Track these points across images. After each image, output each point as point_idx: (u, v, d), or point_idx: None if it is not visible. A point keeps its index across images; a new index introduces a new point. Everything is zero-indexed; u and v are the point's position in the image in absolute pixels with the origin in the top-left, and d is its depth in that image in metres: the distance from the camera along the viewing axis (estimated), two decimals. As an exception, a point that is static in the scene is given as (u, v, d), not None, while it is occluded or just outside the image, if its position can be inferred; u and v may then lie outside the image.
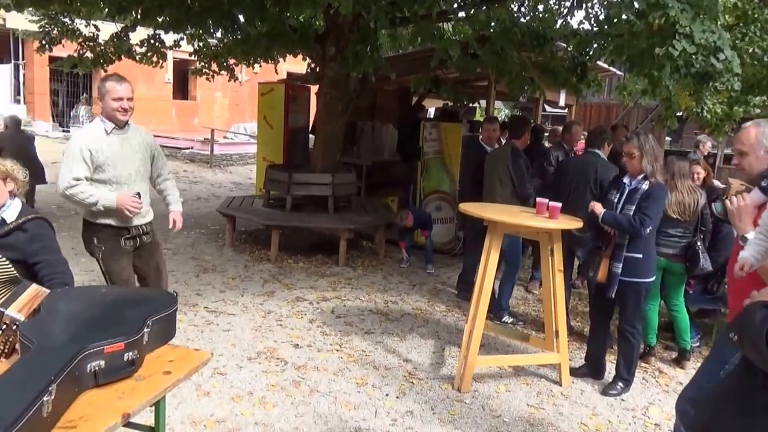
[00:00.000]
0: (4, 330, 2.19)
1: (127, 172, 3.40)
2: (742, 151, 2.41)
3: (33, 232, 2.65)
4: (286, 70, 17.24)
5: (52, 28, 8.08)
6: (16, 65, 19.54)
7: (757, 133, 2.37)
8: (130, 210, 3.32)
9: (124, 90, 3.31)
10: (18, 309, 2.19)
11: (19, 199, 2.74)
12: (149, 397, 1.79)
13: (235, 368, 3.91)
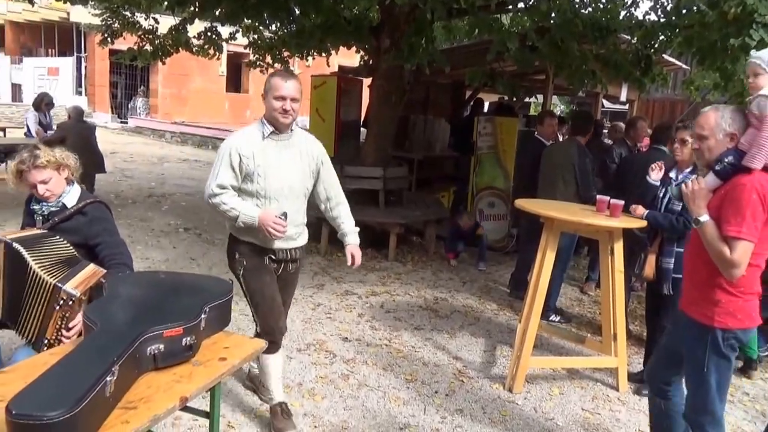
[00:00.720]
0: (62, 305, 2.31)
1: (278, 186, 2.88)
2: (702, 135, 2.42)
3: (92, 215, 2.77)
4: (337, 64, 17.39)
5: (114, 21, 8.38)
6: (78, 58, 20.39)
7: (716, 117, 2.39)
8: (270, 232, 2.81)
9: (290, 88, 2.81)
10: (75, 285, 2.30)
11: (77, 184, 2.86)
12: (206, 382, 1.84)
13: (285, 359, 3.96)
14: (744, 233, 2.22)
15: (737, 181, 2.29)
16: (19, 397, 1.39)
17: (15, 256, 2.41)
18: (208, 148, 16.89)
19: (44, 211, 2.76)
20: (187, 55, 8.99)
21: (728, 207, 2.28)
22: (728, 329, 2.36)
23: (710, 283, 2.37)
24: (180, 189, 10.01)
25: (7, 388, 1.69)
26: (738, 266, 2.25)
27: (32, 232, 2.64)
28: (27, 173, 2.66)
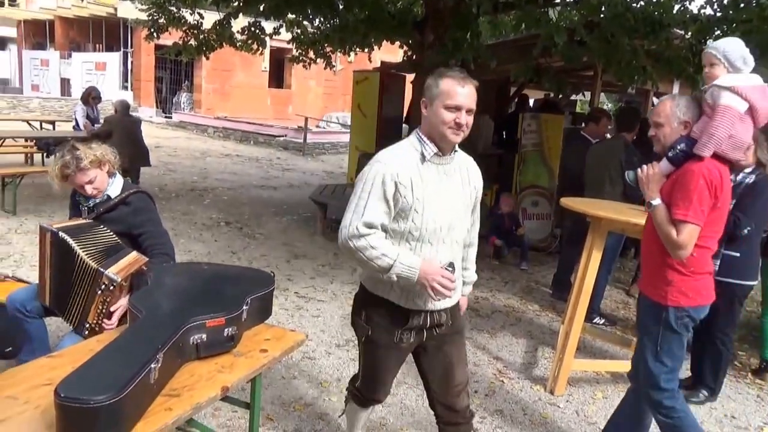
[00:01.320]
0: (103, 290, 2.38)
1: (437, 225, 2.15)
2: (658, 123, 2.54)
3: (136, 205, 2.85)
4: (379, 59, 17.43)
5: (160, 16, 8.57)
6: (125, 53, 20.95)
7: (672, 106, 2.50)
8: (436, 290, 2.06)
9: (467, 96, 2.09)
10: (116, 271, 2.38)
11: (119, 175, 2.95)
12: (247, 372, 1.87)
13: (324, 354, 4.00)
14: (690, 216, 2.35)
15: (687, 167, 2.42)
16: (67, 381, 1.44)
17: (62, 245, 2.50)
18: (249, 144, 17.16)
19: (89, 202, 2.86)
20: (231, 50, 9.13)
21: (677, 192, 2.41)
22: (680, 307, 2.50)
23: (663, 264, 2.51)
24: (222, 183, 10.19)
25: (56, 372, 1.76)
26: (684, 248, 2.39)
27: (78, 222, 2.74)
28: (73, 177, 2.74)
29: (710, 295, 2.57)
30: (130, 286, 2.53)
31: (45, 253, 2.57)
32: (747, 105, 2.39)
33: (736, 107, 2.38)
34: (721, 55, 2.43)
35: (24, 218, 6.76)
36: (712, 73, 2.46)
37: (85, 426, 1.39)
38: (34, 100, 19.16)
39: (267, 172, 12.35)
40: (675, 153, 2.48)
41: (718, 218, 2.47)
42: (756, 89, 2.42)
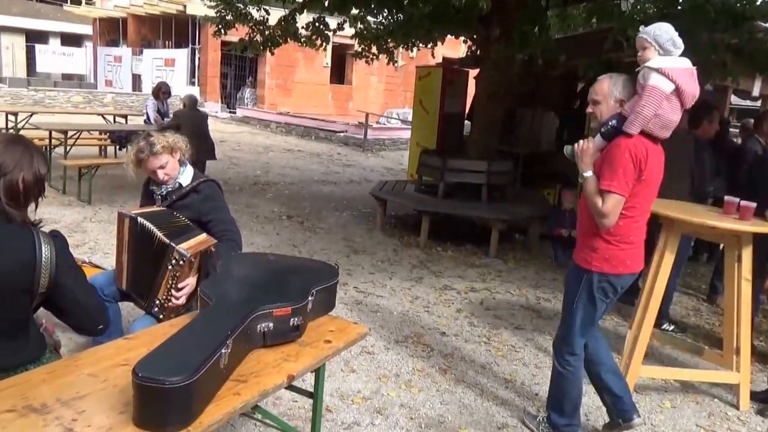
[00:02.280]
0: (173, 265, 2.49)
1: None
2: (596, 101, 2.70)
3: (205, 193, 2.98)
4: (441, 55, 17.38)
5: (227, 12, 8.81)
6: (192, 49, 21.64)
7: (609, 84, 2.67)
8: None
9: None
10: (186, 247, 2.48)
11: (189, 165, 3.07)
12: (312, 362, 1.91)
13: (383, 349, 4.03)
14: (614, 187, 2.55)
15: (616, 142, 2.60)
16: (144, 362, 1.52)
17: (140, 229, 2.63)
18: (311, 139, 17.42)
19: (162, 190, 3.00)
20: (294, 46, 9.30)
21: (605, 164, 2.61)
22: (603, 273, 2.72)
23: (592, 233, 2.74)
24: (283, 178, 10.40)
25: (132, 353, 1.85)
26: (607, 216, 2.60)
27: (153, 209, 2.87)
28: (146, 161, 2.89)
29: (634, 265, 2.76)
30: (198, 267, 2.63)
31: (123, 238, 2.70)
32: (673, 86, 2.55)
33: (663, 88, 2.53)
34: (651, 39, 2.58)
35: (98, 207, 7.10)
36: (645, 56, 2.61)
37: (160, 405, 1.46)
38: (107, 95, 20.08)
39: (327, 167, 12.52)
40: (607, 129, 2.66)
41: (643, 191, 2.66)
42: (684, 71, 2.58)
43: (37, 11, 30.81)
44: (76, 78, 27.11)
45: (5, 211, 1.72)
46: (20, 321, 1.80)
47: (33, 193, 1.80)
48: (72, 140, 8.42)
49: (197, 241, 2.60)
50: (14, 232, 1.74)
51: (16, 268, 1.71)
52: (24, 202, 1.78)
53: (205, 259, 2.66)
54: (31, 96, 18.08)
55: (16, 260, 1.72)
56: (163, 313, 2.64)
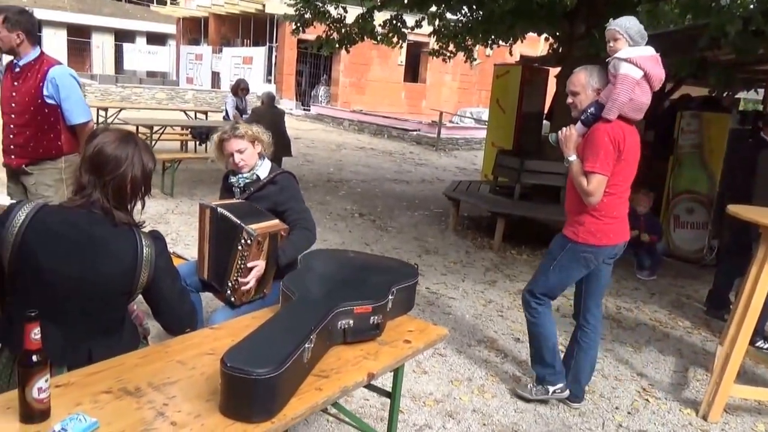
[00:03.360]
0: (242, 245, 2.56)
1: None
2: (575, 92, 2.99)
3: (282, 184, 3.07)
4: (519, 53, 17.08)
5: (306, 11, 8.98)
6: (270, 48, 22.22)
7: (585, 76, 2.97)
8: None
9: None
10: (254, 228, 2.55)
11: (267, 159, 3.16)
12: (391, 362, 1.91)
13: (455, 352, 4.00)
14: (597, 168, 2.86)
15: (596, 127, 2.89)
16: (232, 352, 1.56)
17: (221, 219, 2.72)
18: (383, 137, 17.53)
19: (241, 183, 3.10)
20: (368, 44, 9.37)
21: (587, 148, 2.91)
22: (588, 244, 3.06)
23: (579, 210, 3.06)
24: (356, 176, 10.51)
25: (219, 343, 1.91)
26: (593, 194, 2.91)
27: (232, 201, 2.98)
28: (227, 141, 3.01)
29: (617, 237, 3.10)
30: (268, 251, 2.69)
31: (204, 229, 2.81)
32: (642, 72, 2.85)
33: (633, 75, 2.83)
34: (623, 31, 2.87)
35: (179, 200, 7.41)
36: (616, 47, 2.91)
37: (246, 395, 1.50)
38: (188, 92, 20.92)
39: (400, 166, 12.55)
40: (586, 116, 2.94)
41: (623, 170, 2.97)
42: (649, 58, 2.88)
43: (125, 11, 32.50)
44: (160, 75, 28.40)
45: (112, 214, 1.77)
46: (117, 318, 1.87)
47: (140, 191, 1.84)
48: (157, 135, 8.82)
49: (268, 225, 2.67)
50: (119, 235, 1.79)
51: (118, 271, 1.77)
52: (130, 200, 1.83)
53: (274, 244, 2.73)
54: (119, 92, 19.08)
55: (119, 264, 1.77)
56: (234, 296, 2.72)
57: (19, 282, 1.74)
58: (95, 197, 1.77)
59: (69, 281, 1.73)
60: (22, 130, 3.54)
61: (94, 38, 29.54)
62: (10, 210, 1.74)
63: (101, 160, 1.77)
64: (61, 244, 1.73)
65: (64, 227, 1.74)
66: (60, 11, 27.60)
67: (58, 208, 1.82)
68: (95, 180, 1.77)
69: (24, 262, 1.71)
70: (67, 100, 3.54)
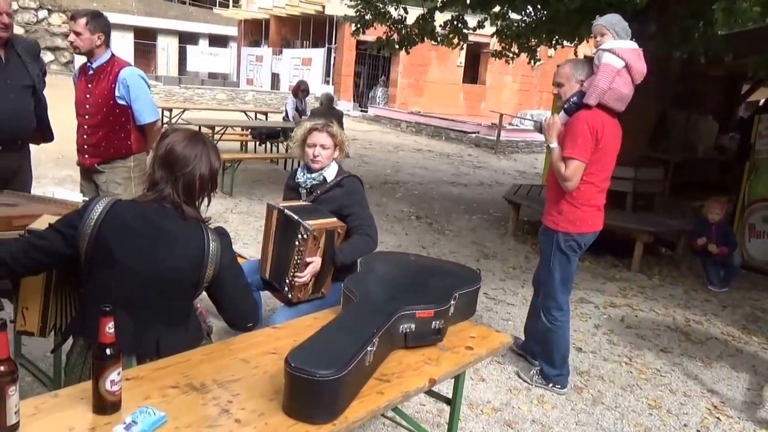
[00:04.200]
0: (299, 241, 2.60)
1: None
2: (560, 83, 3.18)
3: (348, 188, 3.10)
4: (583, 54, 16.69)
5: (366, 12, 9.04)
6: (329, 49, 22.49)
7: (570, 68, 3.17)
8: None
9: None
10: (311, 223, 2.59)
11: (335, 163, 3.19)
12: (453, 368, 1.90)
13: (514, 359, 3.94)
14: (575, 154, 3.04)
15: (576, 115, 3.09)
16: (296, 353, 1.58)
17: (286, 220, 2.77)
18: (441, 139, 17.47)
19: (308, 183, 3.14)
20: (427, 45, 9.34)
21: (567, 135, 3.09)
22: (568, 233, 3.23)
23: (558, 198, 3.23)
24: (413, 178, 10.50)
25: (281, 342, 1.95)
26: (570, 179, 3.08)
27: (300, 203, 3.03)
28: (316, 132, 3.07)
29: (595, 224, 3.28)
30: (324, 249, 2.72)
31: (269, 229, 2.87)
32: (623, 63, 3.04)
33: (614, 64, 3.03)
34: (610, 26, 3.11)
35: (238, 200, 7.59)
36: (602, 41, 3.13)
37: (310, 396, 1.52)
38: (249, 93, 21.40)
39: (458, 168, 12.48)
40: (569, 104, 3.13)
41: (601, 158, 3.12)
42: (632, 51, 3.10)
43: (189, 14, 33.57)
44: (221, 76, 29.16)
45: (181, 208, 1.85)
46: (184, 311, 1.94)
47: (207, 188, 1.92)
48: (218, 135, 9.06)
49: (325, 221, 2.71)
50: (188, 229, 1.87)
51: (187, 264, 1.85)
52: (198, 196, 1.91)
53: (331, 242, 2.76)
54: (182, 93, 19.70)
55: (188, 257, 1.85)
56: (292, 293, 2.77)
57: (95, 273, 1.82)
58: (167, 192, 1.85)
59: (140, 273, 1.80)
60: (95, 131, 3.69)
61: (159, 41, 30.61)
62: (88, 204, 1.84)
63: (173, 157, 1.85)
64: (134, 237, 1.81)
65: (137, 221, 1.82)
66: (128, 15, 28.73)
67: (132, 202, 1.90)
68: (167, 176, 1.85)
69: (99, 254, 1.79)
70: (137, 101, 3.67)
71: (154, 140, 4.12)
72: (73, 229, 1.80)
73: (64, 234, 1.81)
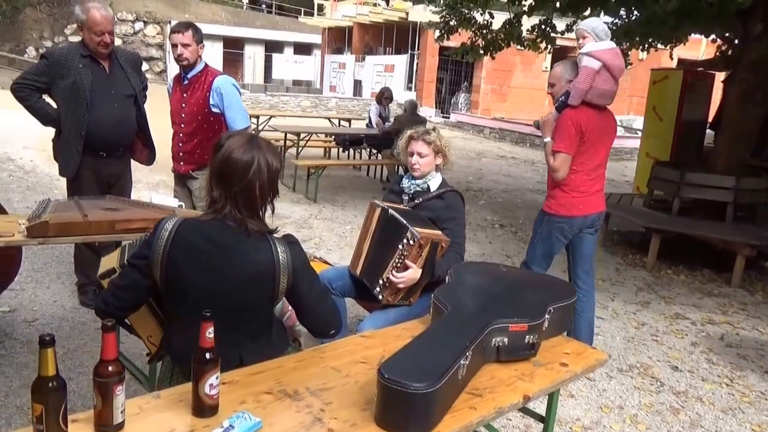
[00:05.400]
0: (404, 244, 2.59)
1: None
2: (553, 84, 3.57)
3: (449, 202, 3.10)
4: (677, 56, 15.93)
5: (452, 18, 8.99)
6: (411, 55, 22.58)
7: (561, 70, 3.52)
8: None
9: None
10: (420, 231, 2.58)
11: (440, 173, 3.18)
12: (548, 385, 1.83)
13: (605, 376, 3.79)
14: (562, 147, 3.42)
15: (564, 113, 3.45)
16: (389, 364, 1.57)
17: (392, 222, 2.80)
18: (525, 146, 17.14)
19: (411, 189, 3.16)
20: (512, 50, 9.18)
21: (556, 131, 3.47)
22: (558, 215, 3.61)
23: (553, 186, 3.62)
24: (496, 185, 10.35)
25: (371, 351, 1.94)
26: (558, 170, 3.46)
27: (401, 207, 3.05)
28: (414, 141, 3.10)
29: (586, 209, 3.60)
30: (425, 259, 2.71)
31: (369, 227, 2.91)
32: (600, 63, 3.38)
33: (592, 66, 3.39)
34: (590, 30, 3.44)
35: (322, 206, 7.71)
36: (584, 44, 3.47)
37: (403, 408, 1.50)
38: (332, 100, 21.80)
39: (542, 176, 12.18)
40: (559, 103, 3.50)
41: (588, 149, 3.48)
42: (608, 51, 3.44)
43: (275, 23, 34.65)
44: (304, 84, 29.89)
45: (245, 225, 1.80)
46: (263, 323, 1.92)
47: (268, 196, 1.86)
48: (303, 142, 9.26)
49: (431, 232, 2.73)
50: (254, 244, 1.81)
51: (259, 279, 1.81)
52: (261, 207, 1.85)
53: (433, 254, 2.75)
54: (268, 100, 20.32)
55: (259, 272, 1.80)
56: (383, 294, 2.77)
57: (171, 295, 1.84)
58: (227, 210, 1.80)
59: (213, 292, 1.79)
60: (190, 138, 3.85)
61: (246, 49, 31.74)
62: (154, 231, 1.84)
63: (228, 170, 1.79)
64: (202, 258, 1.79)
65: (202, 241, 1.80)
66: (218, 25, 29.96)
67: (196, 222, 1.86)
68: (225, 193, 1.80)
69: (172, 277, 1.80)
70: (230, 108, 3.80)
71: None
72: (144, 260, 1.82)
73: (137, 267, 1.83)
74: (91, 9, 3.57)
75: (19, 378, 3.14)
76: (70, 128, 3.70)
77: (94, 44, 3.62)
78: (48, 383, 1.31)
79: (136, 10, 29.05)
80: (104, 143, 3.80)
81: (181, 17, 28.89)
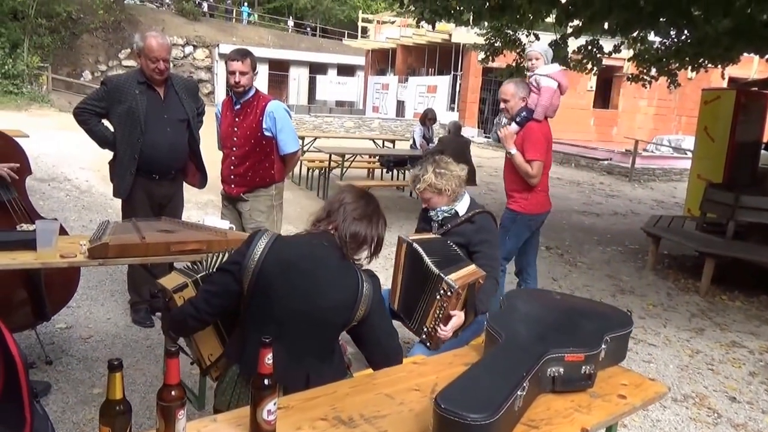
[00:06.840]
0: (441, 295, 2.57)
1: None
2: (506, 100, 4.08)
3: (480, 224, 3.08)
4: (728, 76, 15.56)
5: (496, 39, 9.01)
6: (454, 76, 22.64)
7: (514, 86, 4.09)
8: None
9: None
10: (455, 279, 2.55)
11: (467, 194, 3.18)
12: (606, 418, 1.79)
13: (658, 407, 3.67)
14: (537, 156, 3.97)
15: (529, 126, 4.02)
16: (445, 393, 1.56)
17: (414, 254, 2.78)
18: (570, 166, 16.91)
19: (439, 216, 3.15)
20: (558, 70, 9.10)
21: (527, 142, 3.99)
22: (532, 213, 4.13)
23: (522, 188, 4.09)
24: (541, 206, 10.21)
25: (424, 379, 1.93)
26: (536, 176, 4.00)
27: (429, 236, 3.03)
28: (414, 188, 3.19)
29: (547, 206, 4.23)
30: (465, 299, 2.68)
31: (399, 261, 2.89)
32: (557, 83, 4.08)
33: (552, 86, 4.05)
34: (543, 53, 4.19)
35: (367, 227, 7.73)
36: (536, 65, 4.15)
37: (459, 440, 1.48)
38: (375, 121, 21.96)
39: (589, 197, 12.00)
40: (521, 117, 4.02)
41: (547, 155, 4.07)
42: (560, 73, 4.18)
43: (320, 46, 35.29)
44: (347, 104, 30.24)
45: (346, 247, 1.94)
46: (331, 346, 2.00)
47: (371, 249, 2.04)
48: (348, 162, 9.34)
49: (466, 272, 2.67)
50: (345, 269, 1.94)
51: (342, 304, 1.91)
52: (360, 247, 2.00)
53: (471, 292, 2.71)
54: (311, 121, 20.60)
55: (343, 297, 1.91)
56: (430, 342, 2.74)
57: (254, 305, 1.91)
58: (331, 231, 1.96)
59: (297, 309, 1.88)
60: (242, 161, 3.92)
61: (291, 71, 32.35)
62: (251, 240, 1.94)
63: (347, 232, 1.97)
64: (294, 274, 1.89)
65: (298, 258, 1.91)
66: (264, 48, 30.65)
67: (294, 237, 2.01)
68: (336, 225, 1.97)
69: (260, 288, 1.89)
70: (282, 132, 3.88)
71: (291, 168, 4.34)
72: (237, 266, 1.91)
73: (231, 272, 1.93)
74: (148, 37, 3.71)
75: (75, 394, 3.22)
76: (125, 151, 3.83)
77: (150, 71, 3.75)
78: (115, 407, 1.34)
79: (187, 34, 30.00)
80: (157, 166, 3.91)
81: (228, 41, 29.70)
